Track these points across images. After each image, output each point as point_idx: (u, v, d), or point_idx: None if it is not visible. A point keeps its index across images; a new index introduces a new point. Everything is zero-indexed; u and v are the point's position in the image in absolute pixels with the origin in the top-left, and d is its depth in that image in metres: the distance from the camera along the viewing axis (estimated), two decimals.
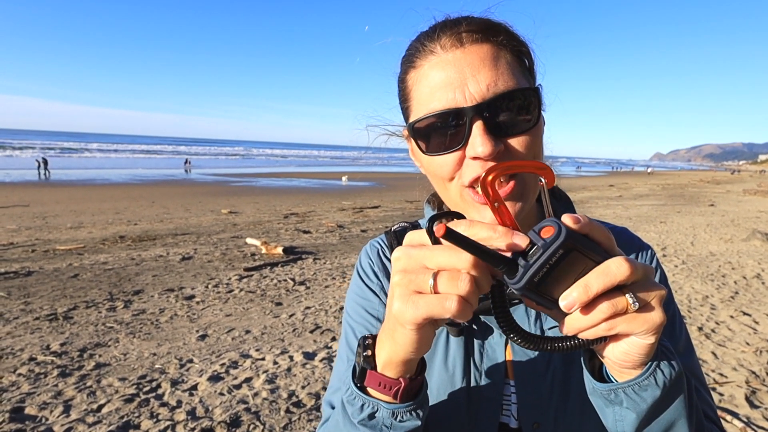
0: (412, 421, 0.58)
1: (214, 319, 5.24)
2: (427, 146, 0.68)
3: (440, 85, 0.65)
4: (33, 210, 14.58)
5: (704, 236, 10.67)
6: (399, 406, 0.57)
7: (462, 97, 0.63)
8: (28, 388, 3.65)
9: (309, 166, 58.47)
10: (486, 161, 0.63)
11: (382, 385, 0.57)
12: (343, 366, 0.80)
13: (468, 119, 0.62)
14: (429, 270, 0.48)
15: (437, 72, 0.66)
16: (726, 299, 5.93)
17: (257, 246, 8.94)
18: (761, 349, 4.40)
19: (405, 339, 0.51)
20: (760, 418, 3.31)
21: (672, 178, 50.32)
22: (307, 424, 3.23)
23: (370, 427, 0.58)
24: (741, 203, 19.82)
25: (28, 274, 6.87)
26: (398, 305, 0.49)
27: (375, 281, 0.84)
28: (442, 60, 0.65)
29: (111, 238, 9.87)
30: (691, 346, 0.79)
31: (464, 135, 0.63)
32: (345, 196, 21.20)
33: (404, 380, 0.57)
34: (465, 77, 0.63)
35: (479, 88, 0.63)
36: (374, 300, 0.83)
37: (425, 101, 0.67)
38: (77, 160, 52.55)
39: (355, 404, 0.59)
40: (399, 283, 0.50)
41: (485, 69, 0.63)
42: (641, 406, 0.54)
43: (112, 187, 24.04)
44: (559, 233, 0.45)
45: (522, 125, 0.65)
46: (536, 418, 0.72)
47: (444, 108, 0.64)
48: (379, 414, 0.58)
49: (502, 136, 0.63)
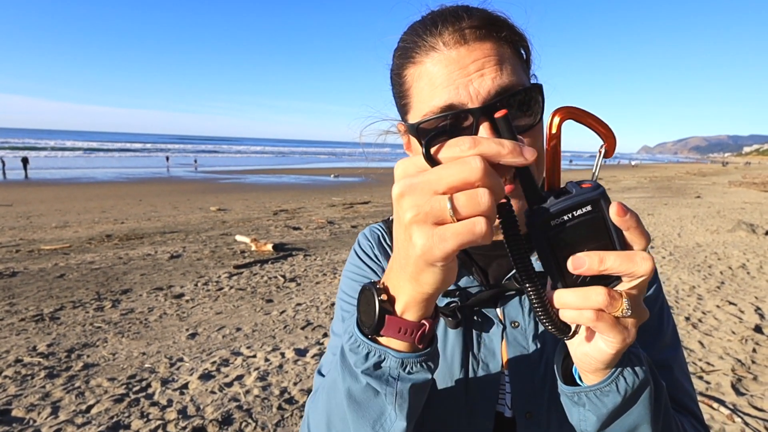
0: (422, 373, 0.53)
1: (204, 318, 5.19)
2: None
3: (444, 82, 0.63)
4: (17, 210, 14.32)
5: (691, 228, 10.83)
6: (409, 355, 0.52)
7: (467, 95, 0.62)
8: (14, 390, 3.58)
9: (298, 162, 58.17)
10: None
11: (402, 331, 0.51)
12: (336, 343, 0.78)
13: (475, 120, 0.61)
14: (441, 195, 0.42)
15: (440, 69, 0.64)
16: (712, 289, 6.02)
17: (247, 243, 8.88)
18: (746, 337, 4.48)
19: (433, 277, 0.46)
20: (745, 404, 3.37)
21: (659, 171, 50.97)
22: (299, 420, 3.21)
23: (375, 377, 0.53)
24: (726, 195, 20.14)
25: (13, 275, 6.75)
26: (423, 242, 0.43)
27: (375, 262, 0.84)
28: (445, 57, 0.64)
29: (97, 237, 9.74)
30: (677, 340, 0.80)
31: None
32: (335, 192, 21.15)
33: (428, 321, 0.52)
34: (469, 75, 0.62)
35: (485, 86, 0.62)
36: (371, 276, 0.82)
37: (427, 100, 0.65)
38: (60, 159, 51.70)
39: (360, 352, 0.53)
40: (415, 219, 0.43)
41: (490, 66, 0.62)
42: (602, 410, 0.55)
43: (98, 186, 23.70)
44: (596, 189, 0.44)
45: (526, 123, 0.64)
46: (529, 408, 0.73)
47: (448, 105, 0.62)
48: (386, 363, 0.52)
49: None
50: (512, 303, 0.76)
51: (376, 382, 0.52)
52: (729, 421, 3.17)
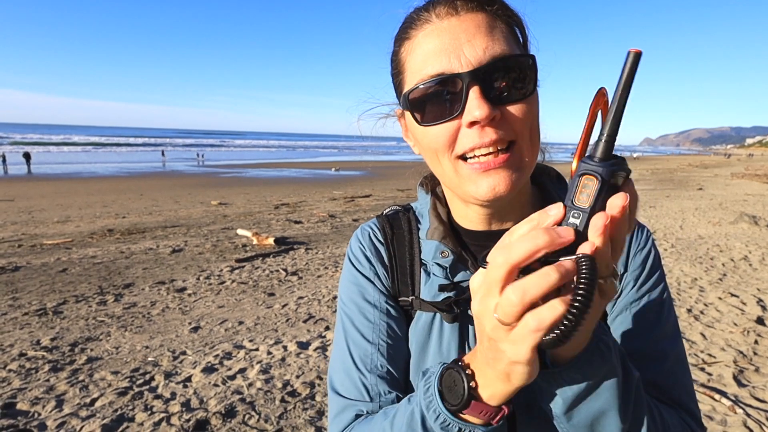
0: None
1: (206, 311, 5.21)
2: (422, 117, 0.66)
3: (435, 51, 0.63)
4: (18, 205, 14.34)
5: (693, 220, 10.80)
6: (492, 427, 0.58)
7: (458, 62, 0.62)
8: (19, 383, 3.61)
9: (299, 156, 58.12)
10: (483, 127, 0.62)
11: (484, 413, 0.56)
12: (343, 356, 0.79)
13: (464, 84, 0.61)
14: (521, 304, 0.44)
15: (432, 39, 0.64)
16: (714, 281, 6.02)
17: (248, 237, 8.89)
18: (748, 329, 4.48)
19: (523, 376, 0.50)
20: (747, 396, 3.37)
21: (661, 163, 50.80)
22: (302, 412, 3.23)
23: None
24: (729, 187, 20.08)
25: (16, 270, 6.77)
26: (511, 349, 0.47)
27: (367, 266, 0.83)
28: (437, 27, 0.64)
29: (99, 231, 9.75)
30: (677, 332, 0.79)
31: (461, 102, 0.62)
32: (336, 186, 21.13)
33: (507, 407, 0.58)
34: (460, 43, 0.62)
35: (475, 53, 0.61)
36: (368, 286, 0.81)
37: (419, 69, 0.65)
38: (61, 154, 51.71)
39: (451, 430, 0.58)
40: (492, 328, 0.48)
41: (481, 35, 0.62)
42: (567, 393, 0.56)
43: (99, 180, 23.72)
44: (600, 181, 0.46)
45: (518, 92, 0.63)
46: (529, 400, 0.72)
47: (439, 73, 0.63)
48: None
49: (498, 103, 0.62)
50: None
51: None
52: (731, 412, 3.18)
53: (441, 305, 0.74)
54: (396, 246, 0.83)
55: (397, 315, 0.80)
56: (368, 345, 0.77)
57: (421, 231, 0.83)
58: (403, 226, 0.85)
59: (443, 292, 0.75)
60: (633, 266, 0.77)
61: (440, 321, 0.75)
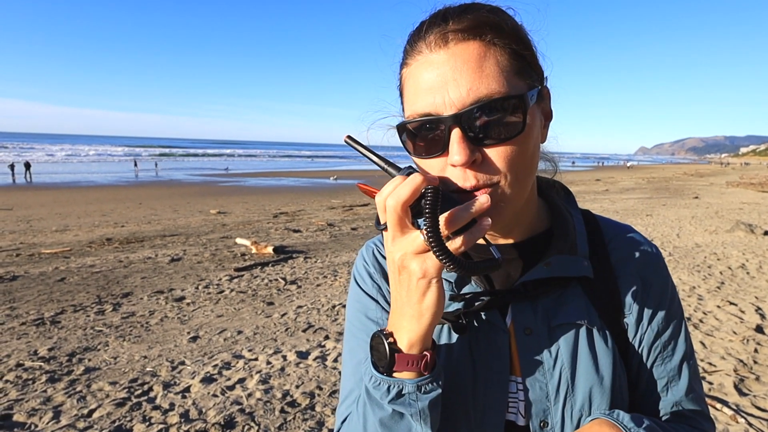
0: (435, 390, 0.65)
1: (205, 321, 5.18)
2: (413, 148, 0.68)
3: (423, 88, 0.64)
4: (16, 213, 14.30)
5: (689, 228, 10.84)
6: (421, 379, 0.64)
7: (442, 102, 0.62)
8: (16, 394, 3.57)
9: (297, 165, 58.16)
10: (465, 170, 0.63)
11: (410, 364, 0.63)
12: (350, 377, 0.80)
13: (446, 127, 0.62)
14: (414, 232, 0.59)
15: (422, 73, 0.65)
16: (712, 289, 6.03)
17: (247, 246, 8.87)
18: (748, 337, 4.49)
19: (432, 300, 0.60)
20: (748, 405, 3.37)
21: (657, 172, 51.06)
22: (302, 423, 3.21)
23: (399, 404, 0.64)
24: (724, 195, 20.18)
25: (13, 279, 6.74)
26: (420, 266, 0.59)
27: (370, 283, 0.83)
28: (428, 60, 0.64)
29: (98, 240, 9.73)
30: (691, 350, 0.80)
31: (445, 142, 0.63)
32: (334, 195, 21.15)
33: (429, 352, 0.64)
34: (446, 81, 0.62)
35: (459, 94, 0.61)
36: (371, 305, 0.82)
37: (411, 103, 0.67)
38: (60, 163, 51.66)
39: (381, 388, 0.64)
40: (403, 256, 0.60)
41: (468, 71, 0.61)
42: None
43: (98, 189, 23.69)
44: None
45: (503, 134, 0.62)
46: (544, 417, 0.71)
47: (425, 113, 0.64)
48: (405, 390, 0.64)
49: (480, 145, 0.63)
50: (525, 310, 0.74)
51: (400, 407, 0.64)
52: (732, 421, 3.17)
53: (449, 316, 0.74)
54: None
55: None
56: None
57: None
58: None
59: (453, 302, 0.75)
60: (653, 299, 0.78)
61: (448, 332, 0.75)
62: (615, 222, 0.85)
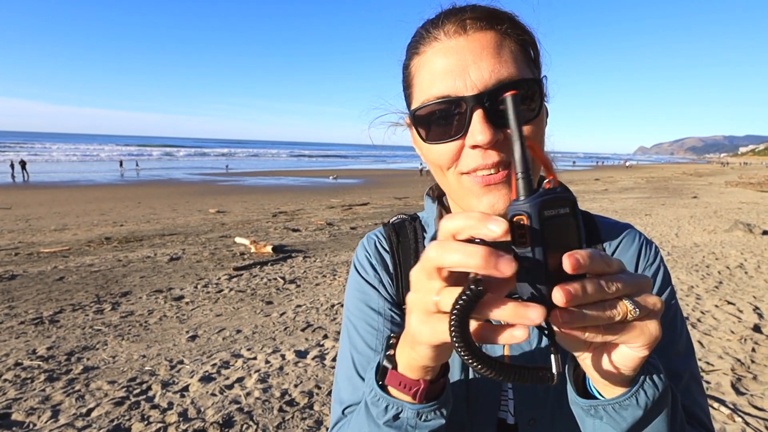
0: (437, 420, 0.57)
1: (204, 320, 5.19)
2: (427, 134, 0.67)
3: (442, 72, 0.64)
4: (15, 212, 14.29)
5: (688, 228, 10.86)
6: (423, 406, 0.56)
7: (463, 84, 0.62)
8: (14, 393, 3.58)
9: (297, 164, 58.16)
10: (486, 150, 0.63)
11: (402, 385, 0.56)
12: (346, 363, 0.79)
13: (468, 108, 0.62)
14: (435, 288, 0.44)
15: (439, 59, 0.65)
16: (710, 289, 6.04)
17: (246, 245, 8.87)
18: (745, 337, 4.50)
19: (423, 353, 0.50)
20: (745, 404, 3.38)
21: (656, 171, 51.10)
22: (300, 422, 3.21)
23: (395, 427, 0.57)
24: (723, 195, 20.21)
25: (12, 278, 6.73)
26: (415, 326, 0.47)
27: (372, 274, 0.83)
28: (445, 47, 0.65)
29: (97, 239, 9.72)
30: (691, 348, 0.77)
31: (464, 124, 0.63)
32: (333, 194, 21.14)
33: (424, 382, 0.55)
34: (467, 64, 0.63)
35: (481, 75, 0.62)
36: (373, 293, 0.82)
37: (426, 88, 0.66)
38: (59, 162, 51.61)
39: (379, 405, 0.58)
40: (413, 301, 0.47)
41: (488, 56, 0.63)
42: (621, 424, 0.53)
43: (97, 188, 23.66)
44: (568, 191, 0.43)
45: (523, 116, 0.63)
46: (533, 415, 0.72)
47: (444, 95, 0.63)
48: (404, 414, 0.57)
49: (501, 126, 0.63)
50: None
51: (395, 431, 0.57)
52: (729, 420, 3.18)
53: None
54: (401, 254, 0.84)
55: (401, 323, 0.81)
56: (371, 352, 0.78)
57: (426, 239, 0.84)
58: (408, 234, 0.86)
59: None
60: None
61: None
62: (613, 221, 0.85)
